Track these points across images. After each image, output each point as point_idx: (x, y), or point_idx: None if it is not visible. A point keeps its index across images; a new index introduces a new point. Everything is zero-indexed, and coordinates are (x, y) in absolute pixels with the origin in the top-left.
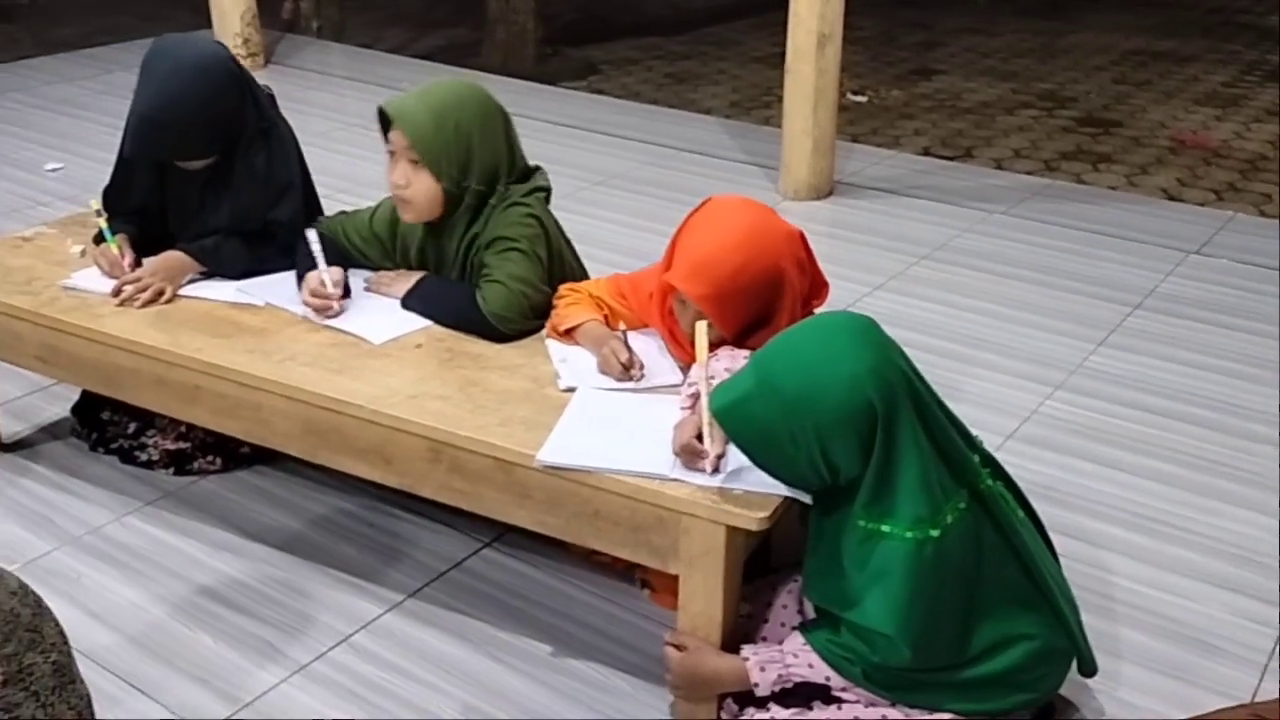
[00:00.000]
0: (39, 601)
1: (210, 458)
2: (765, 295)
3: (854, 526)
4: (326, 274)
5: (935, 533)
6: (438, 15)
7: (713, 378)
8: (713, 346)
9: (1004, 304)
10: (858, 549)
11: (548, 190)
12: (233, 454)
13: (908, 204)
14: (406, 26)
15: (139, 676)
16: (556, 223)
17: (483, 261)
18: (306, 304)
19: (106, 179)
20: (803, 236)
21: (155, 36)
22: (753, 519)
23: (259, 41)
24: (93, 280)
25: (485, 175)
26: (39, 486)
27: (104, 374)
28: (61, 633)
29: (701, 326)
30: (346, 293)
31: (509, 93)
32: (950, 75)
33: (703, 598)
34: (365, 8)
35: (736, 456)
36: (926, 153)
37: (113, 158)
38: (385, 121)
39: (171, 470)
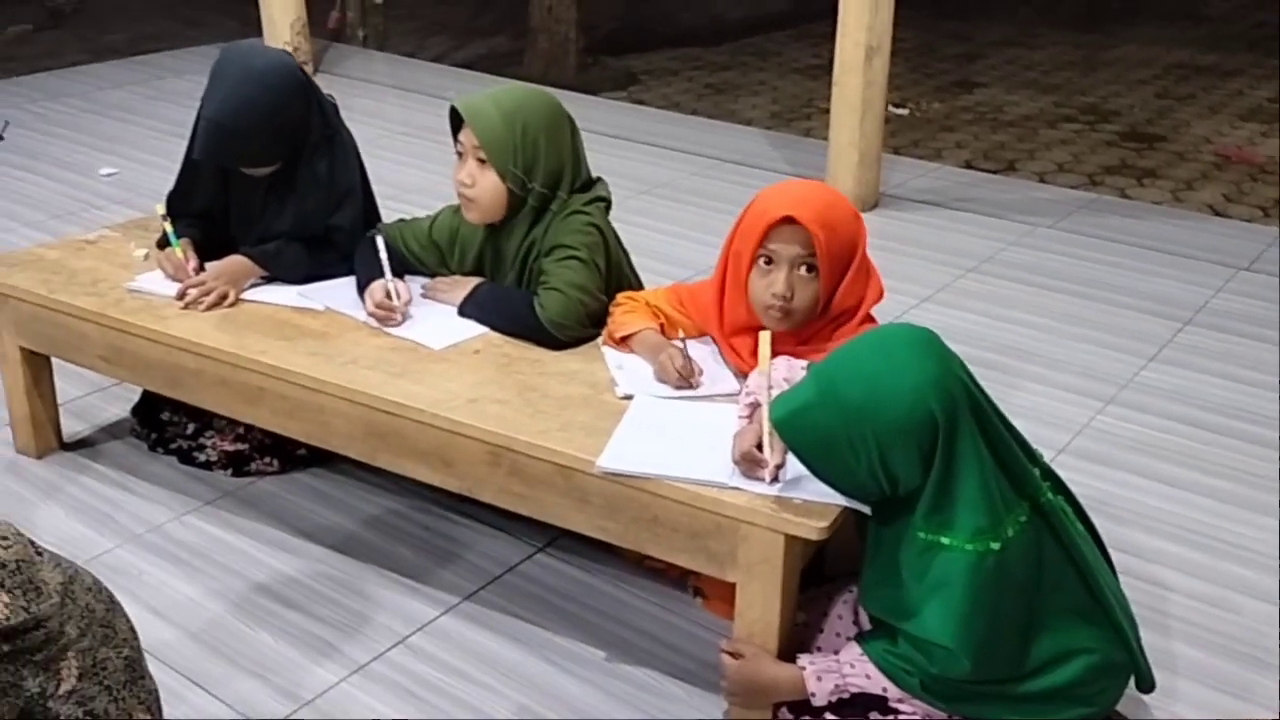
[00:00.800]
0: (111, 598)
1: (268, 459)
2: (852, 238)
3: (913, 538)
4: (392, 285)
5: (996, 545)
6: (479, 24)
7: (772, 387)
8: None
9: (1053, 318)
10: (917, 560)
11: (608, 201)
12: (290, 456)
13: (953, 217)
14: (448, 35)
15: (200, 672)
16: (615, 233)
17: (541, 268)
18: (371, 314)
19: (158, 183)
20: None
21: (201, 44)
22: (812, 528)
23: (307, 50)
24: (157, 283)
25: (549, 179)
26: (100, 485)
27: (168, 375)
28: (132, 628)
29: (765, 336)
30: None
31: None
32: (991, 88)
33: (760, 605)
34: (408, 17)
35: (796, 466)
36: (969, 165)
37: (164, 162)
38: (455, 122)
39: (230, 471)
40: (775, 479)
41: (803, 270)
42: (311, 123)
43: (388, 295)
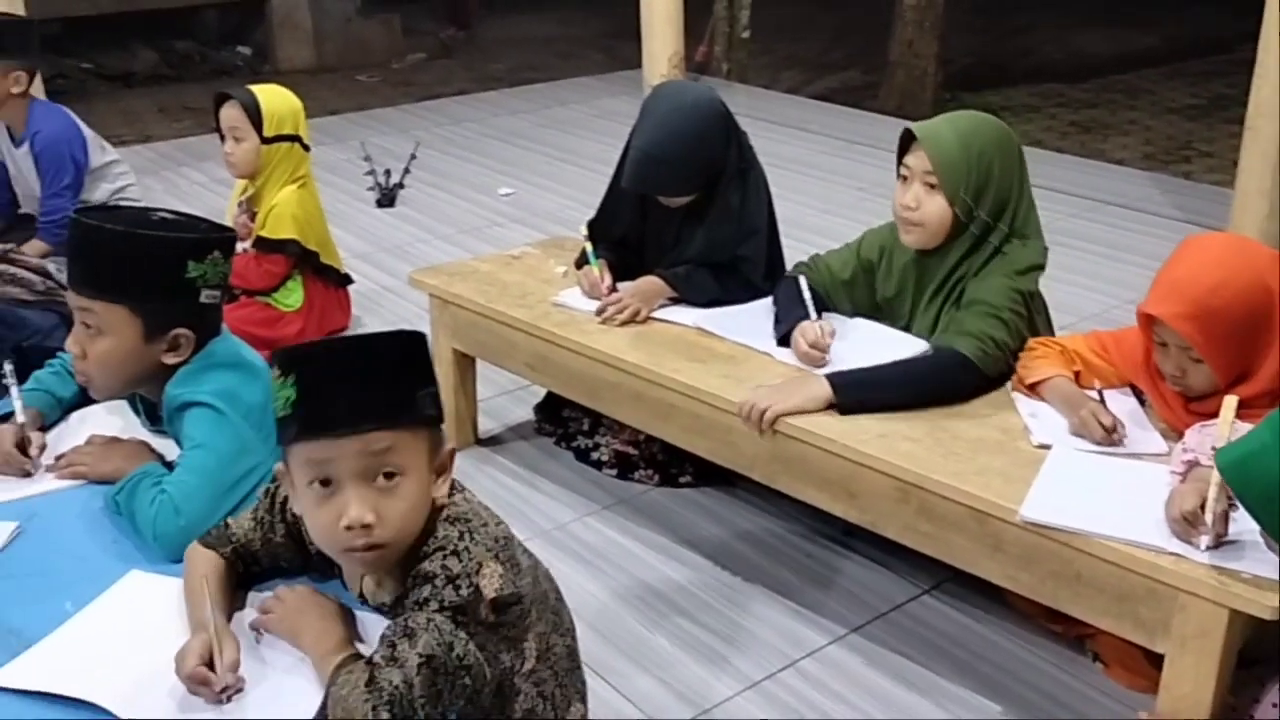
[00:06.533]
0: (559, 589)
1: (650, 471)
2: (1251, 316)
3: None
4: (818, 326)
5: None
6: (831, 59)
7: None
8: (1210, 416)
9: None
10: None
11: (1043, 267)
12: (671, 479)
13: None
14: (801, 69)
15: (607, 668)
16: (1042, 298)
17: (966, 310)
18: (803, 355)
19: (551, 204)
20: None
21: (577, 75)
22: (1265, 606)
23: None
24: (577, 299)
25: (996, 208)
26: (511, 481)
27: (587, 385)
28: (572, 620)
29: (1231, 400)
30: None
31: None
32: None
33: (1192, 681)
34: (762, 51)
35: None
36: None
37: (555, 185)
38: (903, 145)
39: (616, 472)
40: (1214, 546)
41: (1190, 355)
42: (729, 155)
43: (820, 335)
